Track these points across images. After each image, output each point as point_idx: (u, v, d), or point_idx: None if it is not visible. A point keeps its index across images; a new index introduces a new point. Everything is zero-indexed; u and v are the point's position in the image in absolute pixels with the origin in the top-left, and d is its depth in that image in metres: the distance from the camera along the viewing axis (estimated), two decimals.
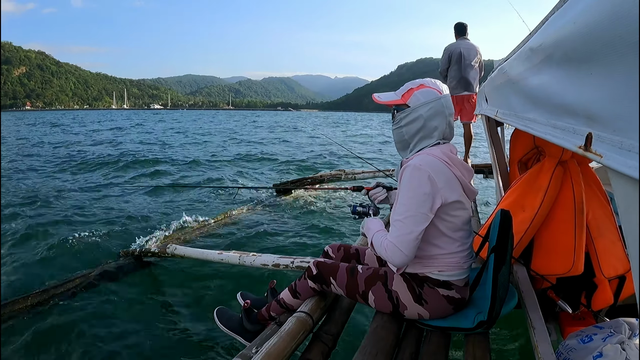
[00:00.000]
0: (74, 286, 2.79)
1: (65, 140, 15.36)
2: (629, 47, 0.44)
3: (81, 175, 7.56)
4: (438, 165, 1.28)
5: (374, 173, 5.57)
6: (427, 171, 1.25)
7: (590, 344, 1.20)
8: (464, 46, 4.56)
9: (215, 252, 2.66)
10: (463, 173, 1.35)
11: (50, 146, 13.39)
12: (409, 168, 1.28)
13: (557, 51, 0.70)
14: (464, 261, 1.37)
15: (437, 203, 1.27)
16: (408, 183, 1.27)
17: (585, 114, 0.57)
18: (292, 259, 2.32)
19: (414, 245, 1.26)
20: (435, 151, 1.33)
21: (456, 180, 1.31)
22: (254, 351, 1.37)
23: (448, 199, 1.28)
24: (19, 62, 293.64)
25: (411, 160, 1.32)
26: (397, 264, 1.31)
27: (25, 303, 2.56)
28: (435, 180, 1.26)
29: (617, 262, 1.51)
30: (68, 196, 6.03)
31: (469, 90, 4.58)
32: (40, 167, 8.77)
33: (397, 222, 1.28)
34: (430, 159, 1.29)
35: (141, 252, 3.14)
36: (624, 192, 0.48)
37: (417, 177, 1.26)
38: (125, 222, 4.67)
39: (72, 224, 4.67)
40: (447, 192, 1.28)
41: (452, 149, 1.38)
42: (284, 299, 1.68)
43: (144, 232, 4.30)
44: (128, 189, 6.41)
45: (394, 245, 1.27)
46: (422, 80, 1.41)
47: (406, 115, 1.37)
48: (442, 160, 1.30)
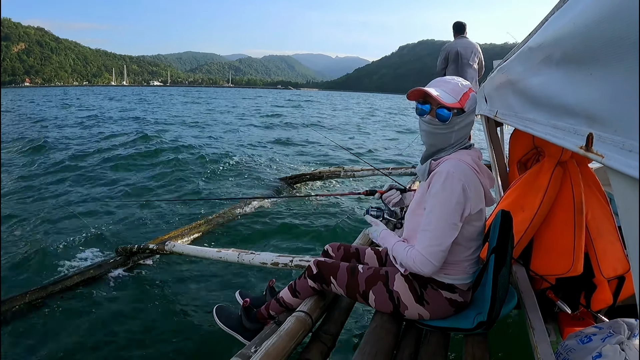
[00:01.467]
0: (72, 284, 2.78)
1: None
2: (629, 47, 0.44)
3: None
4: (470, 174, 1.26)
5: (372, 170, 5.56)
6: (461, 180, 1.23)
7: (589, 345, 1.20)
8: (461, 45, 4.54)
9: (214, 250, 2.66)
10: (487, 181, 1.33)
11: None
12: (442, 175, 1.25)
13: (556, 51, 0.70)
14: (471, 267, 1.37)
15: (466, 213, 1.25)
16: (441, 191, 1.24)
17: (586, 114, 0.57)
18: (291, 257, 2.31)
19: (444, 255, 1.26)
20: (467, 157, 1.30)
21: (482, 189, 1.30)
22: (253, 350, 1.36)
23: (474, 209, 1.27)
24: (18, 38, 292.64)
25: (443, 165, 1.28)
26: (426, 274, 1.30)
27: (23, 300, 2.56)
28: (468, 190, 1.24)
29: (617, 262, 1.51)
30: (72, 188, 6.03)
31: None
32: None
33: (427, 232, 1.26)
34: (464, 166, 1.26)
35: (139, 248, 3.13)
36: (623, 192, 0.48)
37: (450, 186, 1.23)
38: (122, 218, 4.65)
39: (69, 219, 4.65)
40: (475, 201, 1.26)
41: (479, 155, 1.36)
42: (283, 298, 1.68)
43: (142, 229, 4.29)
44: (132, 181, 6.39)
45: (422, 256, 1.25)
46: (467, 82, 1.36)
47: (462, 119, 1.32)
48: (472, 168, 1.28)
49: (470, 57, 4.54)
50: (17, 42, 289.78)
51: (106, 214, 4.79)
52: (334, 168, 6.04)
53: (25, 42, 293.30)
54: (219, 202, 5.32)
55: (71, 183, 6.41)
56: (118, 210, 4.96)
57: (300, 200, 5.31)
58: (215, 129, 14.70)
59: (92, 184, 6.37)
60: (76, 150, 9.03)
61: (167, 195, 5.75)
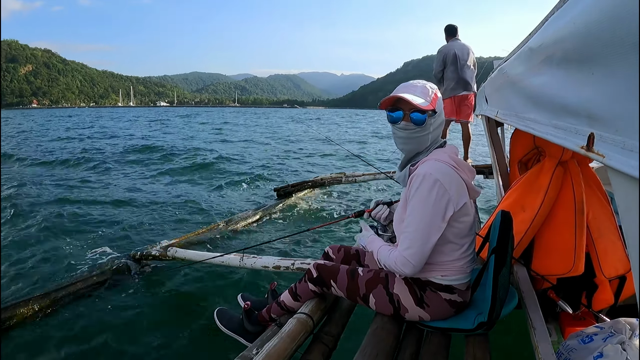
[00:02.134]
0: (74, 290, 2.78)
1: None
2: (629, 47, 0.44)
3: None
4: (448, 171, 1.25)
5: (374, 175, 5.56)
6: (438, 179, 1.22)
7: (590, 344, 1.20)
8: (457, 47, 4.57)
9: (216, 254, 2.66)
10: (468, 175, 1.32)
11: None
12: (419, 178, 1.25)
13: (557, 51, 0.70)
14: (467, 265, 1.36)
15: (449, 212, 1.24)
16: (419, 193, 1.24)
17: (587, 114, 0.57)
18: (293, 260, 2.32)
19: (424, 256, 1.26)
20: (443, 156, 1.30)
21: (463, 184, 1.29)
22: (254, 352, 1.36)
23: (458, 205, 1.26)
24: (25, 60, 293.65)
25: (420, 168, 1.28)
26: (407, 275, 1.33)
27: (26, 306, 2.55)
28: (446, 188, 1.23)
29: (618, 262, 1.51)
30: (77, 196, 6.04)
31: (467, 90, 4.59)
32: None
33: (407, 234, 1.27)
34: (440, 165, 1.26)
35: (142, 255, 3.14)
36: (624, 192, 0.48)
37: (428, 187, 1.23)
38: (125, 225, 4.67)
39: (74, 225, 4.67)
40: (457, 198, 1.26)
41: (455, 151, 1.36)
42: (284, 301, 1.68)
43: (145, 236, 4.30)
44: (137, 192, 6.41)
45: (403, 257, 1.26)
46: (430, 83, 1.37)
47: (435, 120, 1.32)
48: (450, 165, 1.27)
49: (467, 58, 4.57)
50: (24, 64, 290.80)
51: (108, 221, 4.81)
52: (336, 174, 6.03)
53: (32, 63, 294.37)
54: (221, 210, 5.37)
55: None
56: (120, 217, 4.98)
57: (302, 206, 5.36)
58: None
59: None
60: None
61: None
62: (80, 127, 20.92)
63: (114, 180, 7.22)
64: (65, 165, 8.71)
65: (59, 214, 5.10)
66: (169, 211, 5.32)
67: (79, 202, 5.79)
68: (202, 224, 4.57)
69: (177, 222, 4.82)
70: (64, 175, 7.53)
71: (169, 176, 7.97)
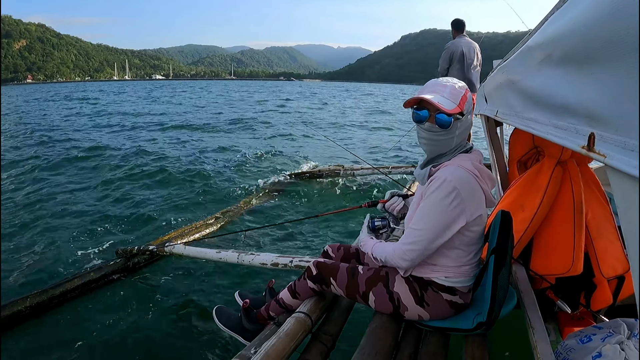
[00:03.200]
0: (72, 287, 2.77)
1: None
2: (629, 47, 0.44)
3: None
4: (469, 180, 1.22)
5: (372, 169, 5.55)
6: (457, 188, 1.20)
7: (589, 344, 1.20)
8: (465, 45, 4.54)
9: (214, 251, 2.65)
10: (487, 184, 1.30)
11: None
12: (438, 181, 1.23)
13: (557, 51, 0.70)
14: (472, 270, 1.36)
15: (460, 223, 1.23)
16: (434, 196, 1.23)
17: (587, 114, 0.56)
18: (291, 258, 2.31)
19: (424, 257, 1.28)
20: (466, 162, 1.26)
21: (482, 195, 1.27)
22: (252, 351, 1.36)
23: (472, 217, 1.24)
24: (19, 35, 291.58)
25: (441, 171, 1.26)
26: (403, 268, 1.33)
27: (24, 304, 2.55)
28: (463, 197, 1.21)
29: (616, 262, 1.51)
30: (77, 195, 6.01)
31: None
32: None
33: (414, 230, 1.27)
34: (462, 172, 1.23)
35: (139, 250, 3.13)
36: (623, 192, 0.48)
37: (444, 193, 1.21)
38: (122, 218, 4.64)
39: (69, 221, 4.64)
40: (472, 209, 1.24)
41: (479, 158, 1.32)
42: (283, 299, 1.68)
43: (142, 229, 4.29)
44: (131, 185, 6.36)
45: (404, 252, 1.27)
46: (462, 82, 1.32)
47: (462, 124, 1.28)
48: (472, 173, 1.24)
49: (474, 58, 4.55)
50: (18, 39, 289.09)
51: (105, 216, 4.78)
52: (334, 166, 6.03)
53: (26, 39, 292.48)
54: (219, 202, 5.33)
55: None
56: (117, 212, 4.95)
57: (302, 201, 5.31)
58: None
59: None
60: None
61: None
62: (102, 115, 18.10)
63: (108, 173, 7.16)
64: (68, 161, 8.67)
65: (55, 209, 5.07)
66: (165, 204, 5.27)
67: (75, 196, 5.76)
68: (198, 216, 4.55)
69: (174, 215, 4.78)
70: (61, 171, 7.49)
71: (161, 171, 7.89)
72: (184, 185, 6.25)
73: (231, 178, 6.69)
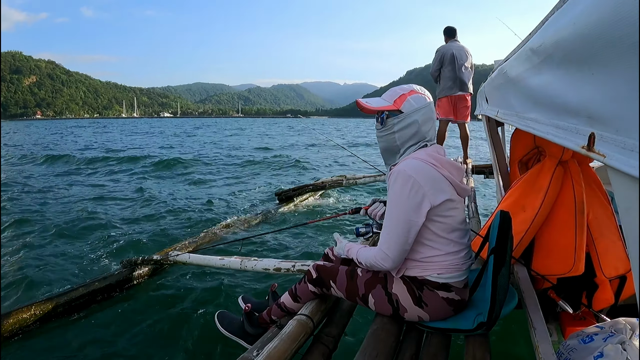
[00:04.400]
0: (77, 296, 2.77)
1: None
2: (629, 47, 0.44)
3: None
4: (423, 167, 1.28)
5: (374, 177, 5.57)
6: (412, 176, 1.25)
7: (591, 344, 1.20)
8: (455, 48, 4.59)
9: (217, 258, 2.66)
10: (452, 172, 1.33)
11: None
12: (394, 174, 1.29)
13: (557, 51, 0.70)
14: (462, 262, 1.36)
15: (425, 207, 1.26)
16: (393, 189, 1.28)
17: (587, 114, 0.57)
18: (293, 262, 2.31)
19: (403, 250, 1.29)
20: (420, 154, 1.32)
21: (445, 181, 1.30)
22: (255, 354, 1.36)
23: (437, 201, 1.27)
24: (29, 71, 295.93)
25: (396, 167, 1.32)
26: (387, 269, 1.35)
27: (28, 312, 2.55)
28: (421, 184, 1.25)
29: (618, 262, 1.51)
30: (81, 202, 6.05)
31: (463, 90, 4.60)
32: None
33: (385, 229, 1.31)
34: (415, 162, 1.29)
35: (143, 260, 3.14)
36: (624, 192, 0.48)
37: (400, 183, 1.26)
38: (125, 231, 4.68)
39: (75, 231, 4.69)
40: (435, 194, 1.27)
41: (438, 150, 1.38)
42: (284, 303, 1.68)
43: (147, 241, 4.31)
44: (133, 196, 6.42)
45: (382, 252, 1.30)
46: (410, 86, 1.41)
47: (400, 120, 1.36)
48: (427, 162, 1.29)
49: (465, 59, 4.59)
50: (28, 75, 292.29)
51: (109, 228, 4.82)
52: (336, 177, 6.06)
53: (36, 75, 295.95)
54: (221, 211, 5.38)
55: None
56: (122, 225, 4.99)
57: (302, 209, 5.38)
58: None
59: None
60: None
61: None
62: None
63: (114, 185, 7.21)
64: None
65: (60, 220, 5.12)
66: (171, 216, 5.34)
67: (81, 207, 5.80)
68: (203, 227, 4.57)
69: (179, 228, 4.83)
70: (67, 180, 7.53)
71: (170, 180, 7.98)
72: (194, 195, 6.31)
73: (234, 191, 6.76)
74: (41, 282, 3.30)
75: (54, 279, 3.39)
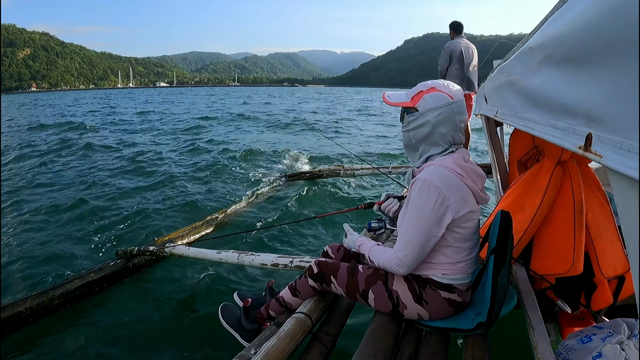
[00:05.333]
0: (72, 288, 2.77)
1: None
2: (628, 47, 0.44)
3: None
4: (450, 178, 1.23)
5: (372, 169, 5.55)
6: (438, 187, 1.21)
7: (589, 344, 1.20)
8: (463, 45, 4.57)
9: (214, 252, 2.65)
10: (475, 181, 1.30)
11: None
12: (419, 182, 1.24)
13: (556, 51, 0.70)
14: (469, 267, 1.36)
15: (447, 220, 1.23)
16: (417, 198, 1.24)
17: (585, 114, 0.57)
18: (291, 258, 2.31)
19: (419, 259, 1.29)
20: (447, 162, 1.27)
21: (469, 192, 1.27)
22: (252, 352, 1.37)
23: (459, 213, 1.24)
24: (23, 44, 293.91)
25: (422, 172, 1.28)
26: (400, 274, 1.35)
27: (24, 305, 2.55)
28: (447, 196, 1.21)
29: (617, 262, 1.51)
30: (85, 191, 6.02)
31: (470, 89, 4.60)
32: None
33: (403, 235, 1.28)
34: (442, 171, 1.24)
35: (139, 251, 3.13)
36: (623, 192, 0.48)
37: (426, 193, 1.22)
38: (122, 219, 4.64)
39: (69, 221, 4.65)
40: (459, 206, 1.24)
41: (464, 156, 1.33)
42: (283, 297, 1.69)
43: (142, 230, 4.29)
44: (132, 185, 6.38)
45: (398, 258, 1.29)
46: (434, 83, 1.34)
47: (414, 119, 1.32)
48: (454, 171, 1.24)
49: (472, 58, 4.58)
50: (22, 47, 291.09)
51: (105, 216, 4.78)
52: (334, 166, 6.02)
53: (30, 47, 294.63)
54: (219, 201, 5.33)
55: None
56: (116, 212, 4.96)
57: (302, 202, 5.31)
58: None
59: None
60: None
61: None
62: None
63: (109, 173, 7.17)
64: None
65: (53, 209, 5.08)
66: (165, 206, 5.27)
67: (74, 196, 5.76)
68: (198, 216, 4.53)
69: (175, 214, 4.78)
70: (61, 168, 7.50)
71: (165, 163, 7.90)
72: (183, 185, 6.26)
73: (230, 177, 6.70)
74: (33, 274, 3.29)
75: (46, 268, 3.37)
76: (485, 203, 1.36)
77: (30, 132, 13.36)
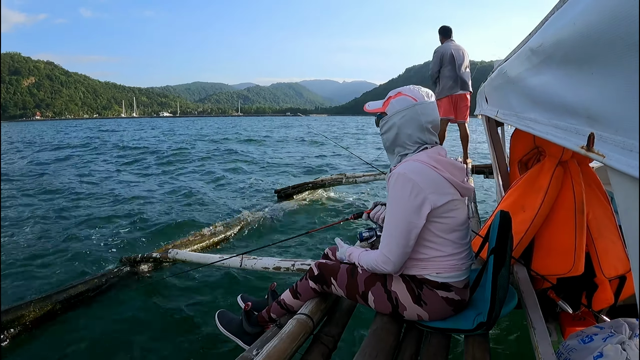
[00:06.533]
0: (76, 292, 2.78)
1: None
2: (629, 47, 0.44)
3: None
4: (423, 169, 1.27)
5: (374, 175, 5.56)
6: (412, 178, 1.25)
7: (590, 344, 1.20)
8: (454, 47, 4.60)
9: (217, 256, 2.66)
10: (453, 173, 1.33)
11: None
12: (394, 176, 1.29)
13: (557, 51, 0.70)
14: (463, 262, 1.36)
15: (425, 209, 1.26)
16: (393, 191, 1.28)
17: (587, 114, 0.57)
18: (293, 261, 2.32)
19: (404, 253, 1.29)
20: (421, 156, 1.32)
21: (446, 182, 1.30)
22: (254, 353, 1.36)
23: (437, 203, 1.27)
24: (28, 72, 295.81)
25: (396, 168, 1.32)
26: (389, 272, 1.34)
27: (28, 309, 2.55)
28: (422, 187, 1.25)
29: (618, 262, 1.51)
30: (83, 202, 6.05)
31: (464, 89, 4.61)
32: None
33: (386, 231, 1.31)
34: (415, 164, 1.29)
35: (143, 257, 3.14)
36: (624, 192, 0.48)
37: (401, 185, 1.26)
38: (126, 228, 4.68)
39: (76, 228, 4.69)
40: (435, 196, 1.26)
41: (439, 152, 1.37)
42: (284, 300, 1.68)
43: (146, 238, 4.31)
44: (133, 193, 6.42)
45: (384, 255, 1.30)
46: (402, 88, 1.42)
47: (384, 123, 1.40)
48: (427, 164, 1.29)
49: (463, 59, 4.60)
50: (27, 76, 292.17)
51: (109, 225, 4.81)
52: (336, 175, 6.06)
53: (35, 76, 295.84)
54: (220, 211, 5.37)
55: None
56: (120, 221, 4.99)
57: (302, 207, 5.36)
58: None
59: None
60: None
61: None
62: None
63: (116, 181, 7.21)
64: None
65: (59, 216, 5.11)
66: (170, 214, 5.33)
67: (79, 203, 5.79)
68: (203, 225, 4.57)
69: (179, 225, 4.83)
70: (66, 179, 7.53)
71: (168, 176, 7.99)
72: (194, 192, 6.31)
73: (234, 190, 6.75)
74: (39, 278, 3.29)
75: (51, 274, 3.38)
76: (470, 194, 1.39)
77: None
